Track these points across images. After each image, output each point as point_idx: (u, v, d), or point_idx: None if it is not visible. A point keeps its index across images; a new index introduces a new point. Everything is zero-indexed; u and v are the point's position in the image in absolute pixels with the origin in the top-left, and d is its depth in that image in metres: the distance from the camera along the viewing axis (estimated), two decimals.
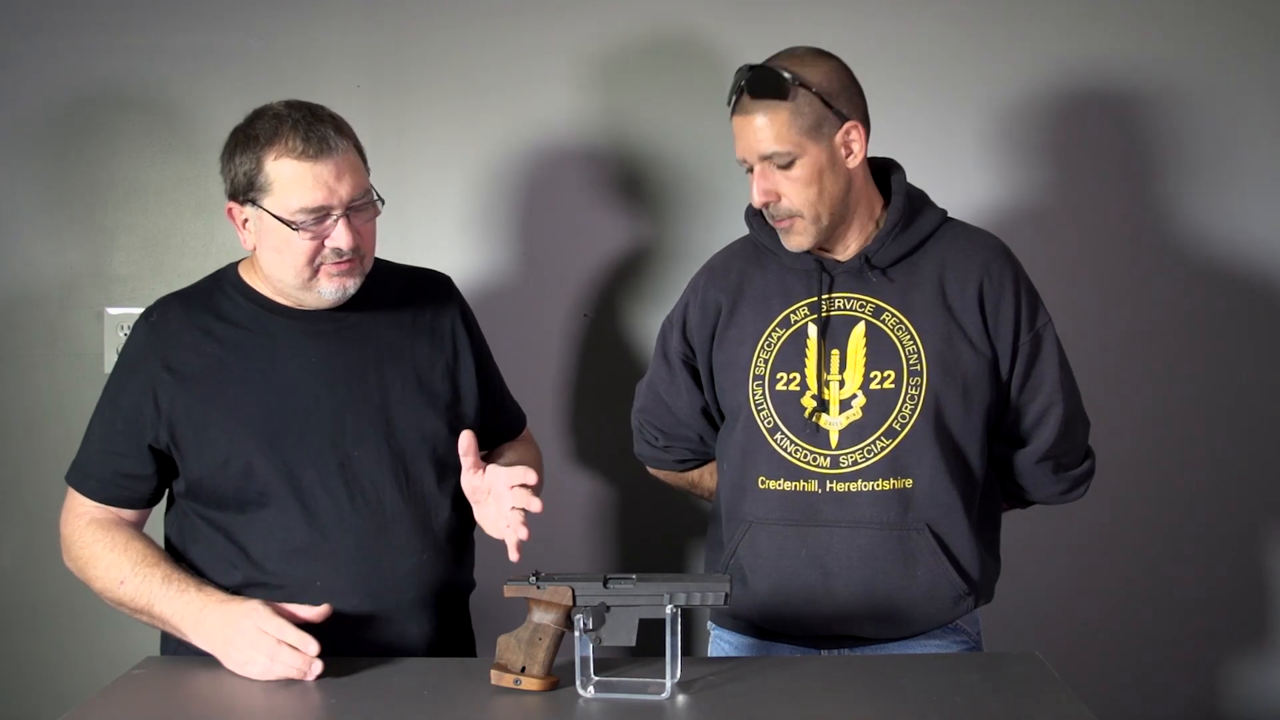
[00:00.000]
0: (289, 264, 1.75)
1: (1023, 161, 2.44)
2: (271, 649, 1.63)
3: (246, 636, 1.64)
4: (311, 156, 1.71)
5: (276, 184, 1.71)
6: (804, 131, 1.77)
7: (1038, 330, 1.85)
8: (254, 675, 1.63)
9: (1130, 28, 2.41)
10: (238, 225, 1.79)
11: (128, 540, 1.77)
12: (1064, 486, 1.93)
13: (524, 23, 2.44)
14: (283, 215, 1.72)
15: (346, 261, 1.76)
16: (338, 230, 1.73)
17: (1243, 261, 2.44)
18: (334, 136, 1.73)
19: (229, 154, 1.77)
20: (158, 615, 1.72)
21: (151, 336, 1.80)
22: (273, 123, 1.73)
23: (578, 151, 2.46)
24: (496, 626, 1.66)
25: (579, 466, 2.51)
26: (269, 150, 1.72)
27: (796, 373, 1.84)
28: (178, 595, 1.71)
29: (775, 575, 1.83)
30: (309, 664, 1.62)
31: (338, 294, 1.78)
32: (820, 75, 1.78)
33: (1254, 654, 2.51)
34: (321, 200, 1.71)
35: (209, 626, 1.67)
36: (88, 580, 1.78)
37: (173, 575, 1.73)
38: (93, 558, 1.76)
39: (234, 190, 1.76)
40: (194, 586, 1.72)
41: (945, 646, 1.86)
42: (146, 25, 2.43)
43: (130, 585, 1.73)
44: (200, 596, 1.70)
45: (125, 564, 1.74)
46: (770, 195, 1.79)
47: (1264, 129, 2.42)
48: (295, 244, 1.73)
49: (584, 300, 2.49)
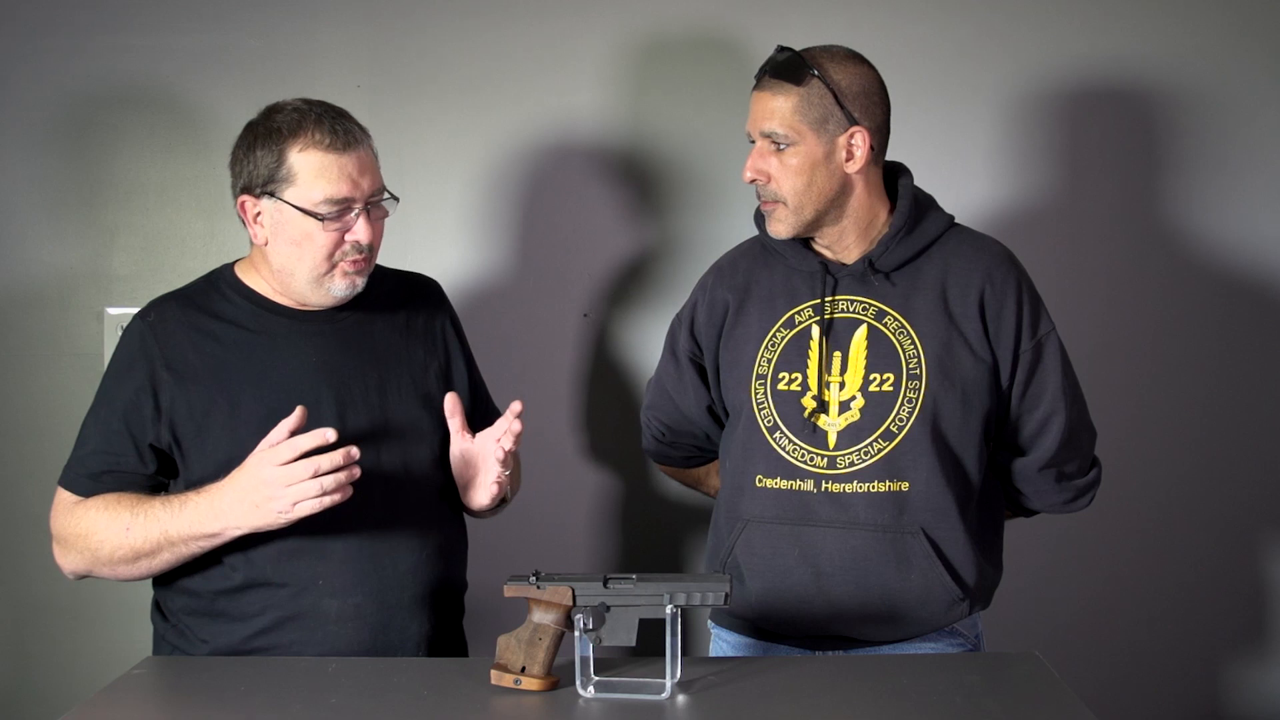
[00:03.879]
0: (307, 257, 1.75)
1: (1031, 162, 2.44)
2: (305, 471, 1.60)
3: (272, 482, 1.62)
4: (338, 149, 1.72)
5: (301, 175, 1.72)
6: (807, 121, 1.78)
7: (1039, 339, 1.85)
8: (311, 509, 1.61)
9: (1141, 28, 2.41)
10: (248, 220, 1.78)
11: (117, 496, 1.74)
12: (1068, 496, 1.93)
13: (523, 22, 2.44)
14: (306, 206, 1.72)
15: (363, 259, 1.77)
16: (359, 224, 1.75)
17: (1255, 263, 2.44)
18: (357, 131, 1.76)
19: (246, 147, 1.76)
20: (176, 538, 1.69)
21: (149, 336, 1.79)
22: (294, 116, 1.74)
23: (578, 151, 2.46)
24: (495, 626, 1.66)
25: (579, 466, 2.51)
26: (294, 142, 1.72)
27: (798, 373, 1.84)
28: (182, 508, 1.69)
29: (769, 575, 1.84)
30: (347, 457, 1.60)
31: (348, 291, 1.79)
32: (842, 74, 1.80)
33: (1254, 654, 2.51)
34: (346, 192, 1.72)
35: (231, 507, 1.66)
36: (94, 552, 1.73)
37: (170, 498, 1.71)
38: (90, 526, 1.73)
39: (250, 183, 1.75)
40: (193, 494, 1.70)
41: (942, 650, 1.86)
42: (146, 25, 2.43)
43: (136, 528, 1.70)
44: (205, 495, 1.68)
45: (123, 511, 1.72)
46: (760, 174, 1.82)
47: (1275, 130, 2.42)
48: (316, 237, 1.74)
49: (584, 300, 2.49)
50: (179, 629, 1.80)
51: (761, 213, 1.89)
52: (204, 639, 1.77)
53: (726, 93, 2.40)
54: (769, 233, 1.87)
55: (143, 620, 1.87)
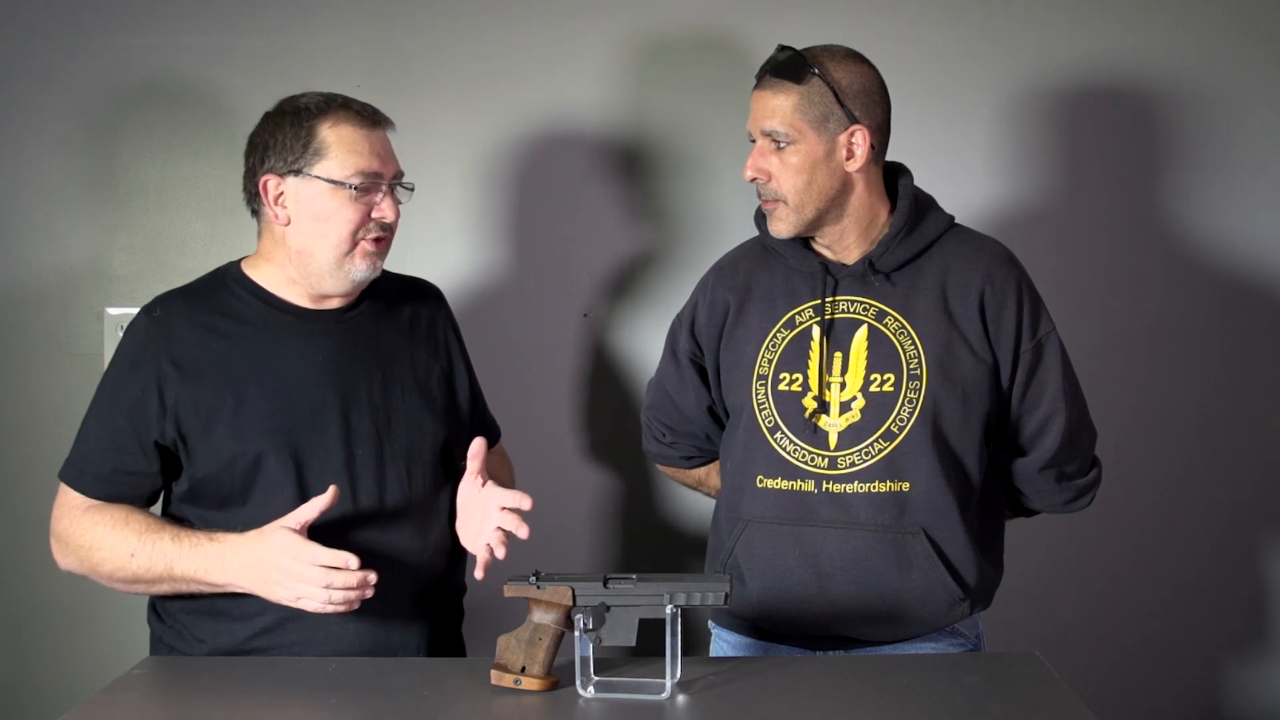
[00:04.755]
0: (331, 233, 1.76)
1: (1031, 162, 2.44)
2: (319, 579, 1.62)
3: (286, 572, 1.63)
4: (369, 125, 1.77)
5: (334, 147, 1.75)
6: (808, 119, 1.78)
7: (1040, 339, 1.85)
8: (313, 609, 1.64)
9: (1140, 28, 2.41)
10: (269, 202, 1.78)
11: (127, 514, 1.75)
12: (1068, 496, 1.93)
13: (524, 22, 2.44)
14: (338, 178, 1.74)
15: (383, 240, 1.79)
16: (385, 201, 1.77)
17: (1254, 263, 2.44)
18: (381, 115, 1.80)
19: (269, 130, 1.78)
20: (179, 576, 1.70)
21: (155, 332, 1.78)
22: (320, 98, 1.78)
23: (578, 151, 2.46)
24: (494, 626, 1.66)
25: (579, 467, 2.51)
26: (324, 118, 1.76)
27: (799, 374, 1.84)
28: (192, 551, 1.69)
29: (769, 575, 1.84)
30: (362, 583, 1.62)
31: (368, 273, 1.80)
32: (843, 73, 1.80)
33: (1254, 654, 2.51)
34: (377, 166, 1.77)
35: (239, 570, 1.67)
36: (94, 565, 1.75)
37: (181, 534, 1.72)
38: (96, 541, 1.74)
39: (275, 163, 1.76)
40: (205, 539, 1.70)
41: (943, 650, 1.86)
42: (146, 26, 2.43)
43: (141, 556, 1.71)
44: (217, 545, 1.69)
45: (131, 536, 1.72)
46: (760, 173, 1.82)
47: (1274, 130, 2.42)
48: (344, 212, 1.75)
49: (584, 300, 2.49)
50: (176, 629, 1.80)
51: (763, 212, 1.89)
52: (202, 639, 1.77)
53: (727, 92, 2.40)
54: (770, 232, 1.87)
55: (143, 620, 1.87)
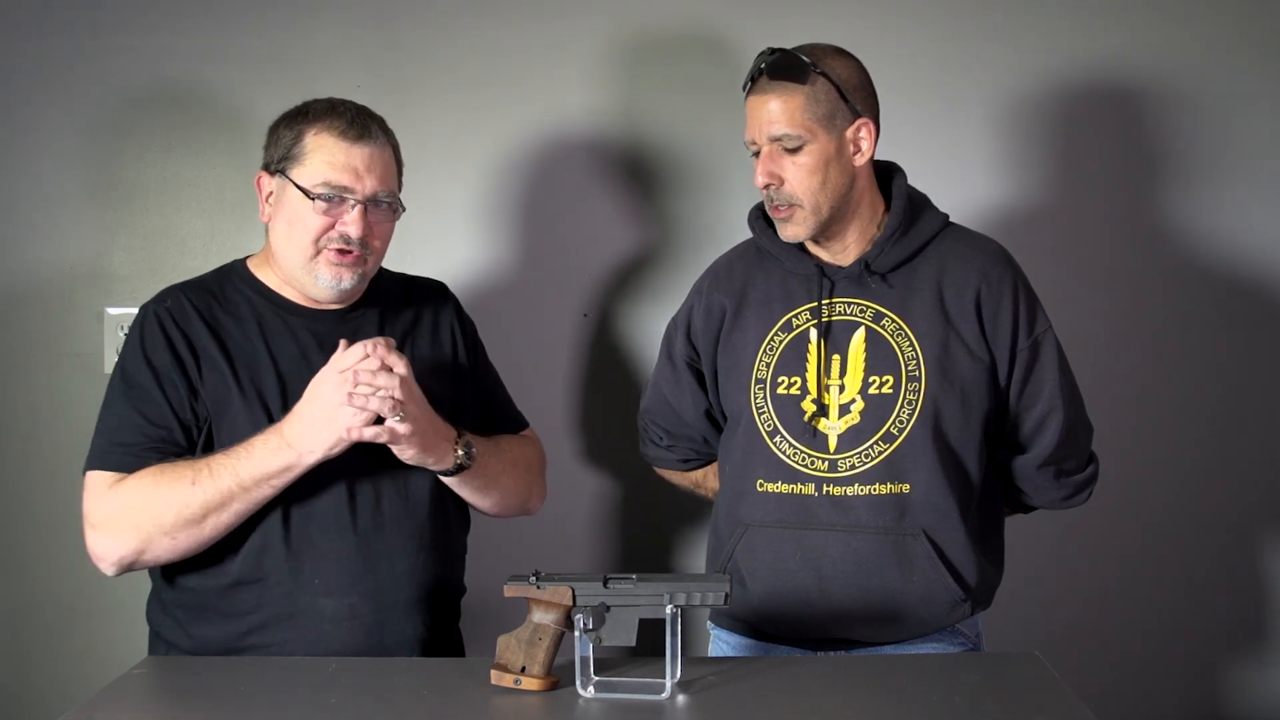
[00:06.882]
0: (296, 238, 1.78)
1: (1028, 162, 2.44)
2: (343, 383, 1.66)
3: (332, 396, 1.67)
4: (350, 139, 1.77)
5: (310, 155, 1.77)
6: (817, 118, 1.78)
7: (1036, 337, 1.85)
8: (383, 410, 1.67)
9: (1138, 29, 2.41)
10: (261, 197, 1.83)
11: (161, 465, 1.70)
12: (1066, 492, 1.93)
13: (523, 22, 2.44)
14: (305, 185, 1.76)
15: (349, 252, 1.78)
16: (351, 216, 1.77)
17: (1252, 263, 2.44)
18: (377, 131, 1.81)
19: (279, 126, 1.82)
20: (249, 480, 1.68)
21: (169, 320, 1.79)
22: (325, 104, 1.81)
23: (578, 151, 2.46)
24: (494, 626, 1.66)
25: (578, 467, 2.51)
26: (314, 125, 1.78)
27: (797, 377, 1.84)
28: (249, 452, 1.69)
29: (770, 578, 1.83)
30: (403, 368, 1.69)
31: (334, 284, 1.79)
32: (839, 68, 1.80)
33: (1254, 654, 2.51)
34: (346, 181, 1.76)
35: (304, 433, 1.68)
36: (155, 519, 1.68)
37: (227, 450, 1.70)
38: (145, 494, 1.69)
39: (268, 160, 1.82)
40: (252, 440, 1.70)
41: (943, 650, 1.86)
42: (147, 26, 2.43)
43: (203, 480, 1.68)
44: (267, 434, 1.70)
45: (183, 469, 1.69)
46: (773, 178, 1.80)
47: (1271, 130, 2.42)
48: (307, 219, 1.76)
49: (583, 300, 2.48)
50: (174, 620, 1.79)
51: (765, 216, 1.88)
52: (193, 634, 1.77)
53: (727, 92, 2.39)
54: (783, 237, 1.85)
55: (143, 620, 1.87)
